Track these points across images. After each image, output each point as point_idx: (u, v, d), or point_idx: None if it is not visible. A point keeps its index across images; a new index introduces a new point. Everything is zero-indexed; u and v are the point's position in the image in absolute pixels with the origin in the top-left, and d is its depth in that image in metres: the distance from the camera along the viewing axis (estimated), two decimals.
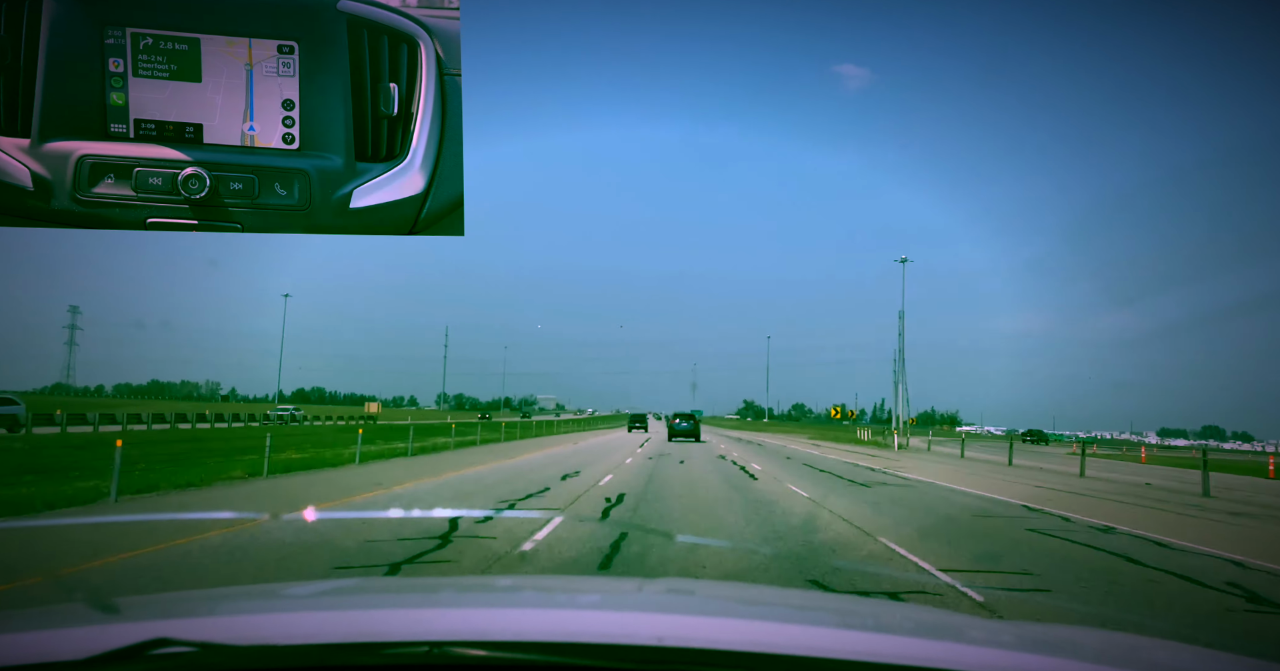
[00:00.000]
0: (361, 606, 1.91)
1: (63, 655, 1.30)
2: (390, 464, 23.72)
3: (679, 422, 51.86)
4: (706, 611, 1.94)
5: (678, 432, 51.06)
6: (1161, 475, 31.84)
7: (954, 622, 2.04)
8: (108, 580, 6.80)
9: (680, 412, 54.41)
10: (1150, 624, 6.21)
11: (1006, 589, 7.65)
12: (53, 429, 40.70)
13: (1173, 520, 14.46)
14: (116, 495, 12.74)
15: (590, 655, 1.35)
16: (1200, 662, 1.73)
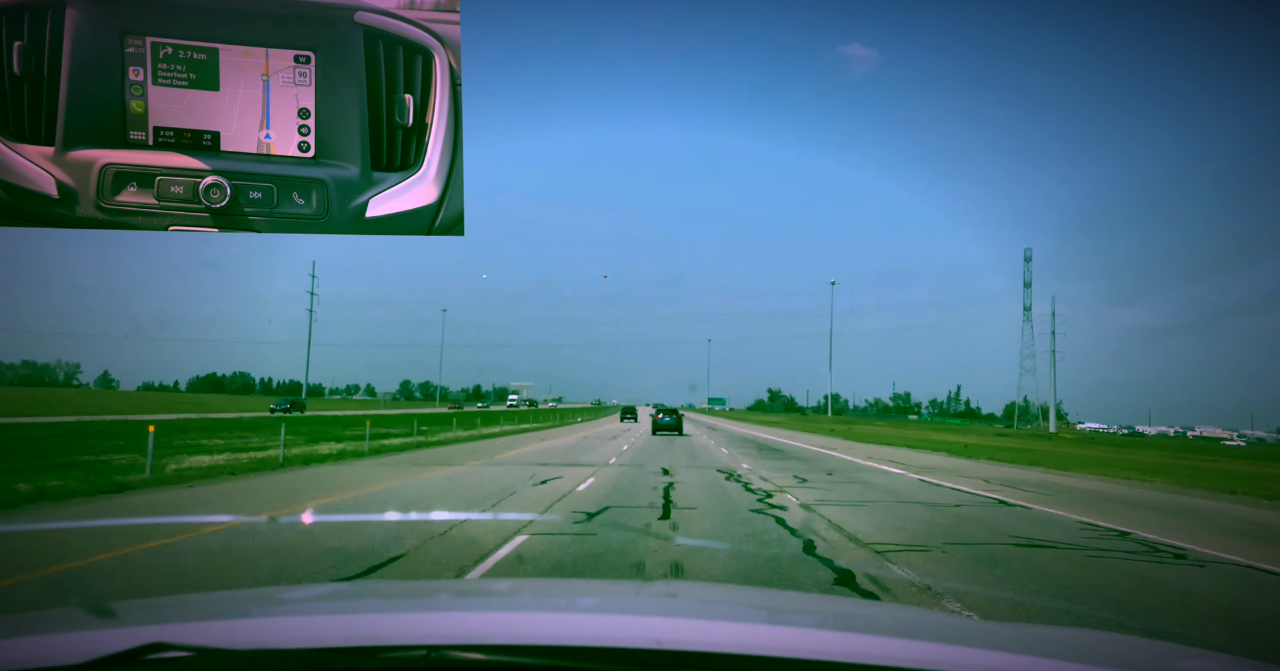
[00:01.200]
0: (358, 610, 1.90)
1: (60, 660, 1.30)
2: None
3: (662, 417, 50.17)
4: (705, 614, 1.94)
5: (661, 427, 49.37)
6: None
7: (950, 624, 2.06)
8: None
9: (663, 407, 53.74)
10: (1144, 625, 6.10)
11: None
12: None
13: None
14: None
15: (589, 658, 1.36)
16: (1198, 664, 1.72)
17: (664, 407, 53.18)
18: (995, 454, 37.63)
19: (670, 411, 51.30)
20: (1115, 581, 8.24)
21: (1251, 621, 6.76)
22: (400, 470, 21.33)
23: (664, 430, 49.44)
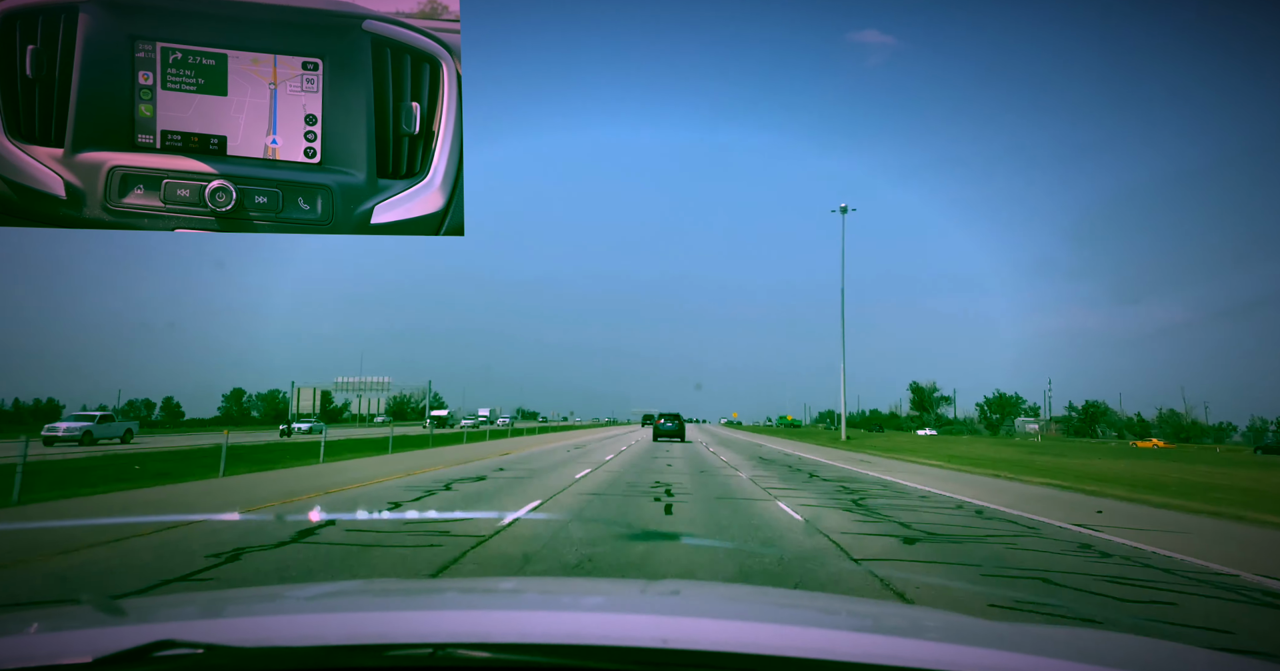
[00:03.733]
0: (365, 608, 1.91)
1: (69, 656, 1.31)
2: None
3: (664, 423, 48.74)
4: (711, 613, 1.93)
5: (662, 432, 47.91)
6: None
7: (955, 623, 2.04)
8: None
9: (665, 413, 51.29)
10: (1148, 625, 5.95)
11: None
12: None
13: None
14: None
15: (594, 657, 1.35)
16: (1200, 664, 1.72)
17: (666, 414, 51.07)
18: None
19: (673, 417, 49.36)
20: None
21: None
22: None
23: (665, 436, 47.76)
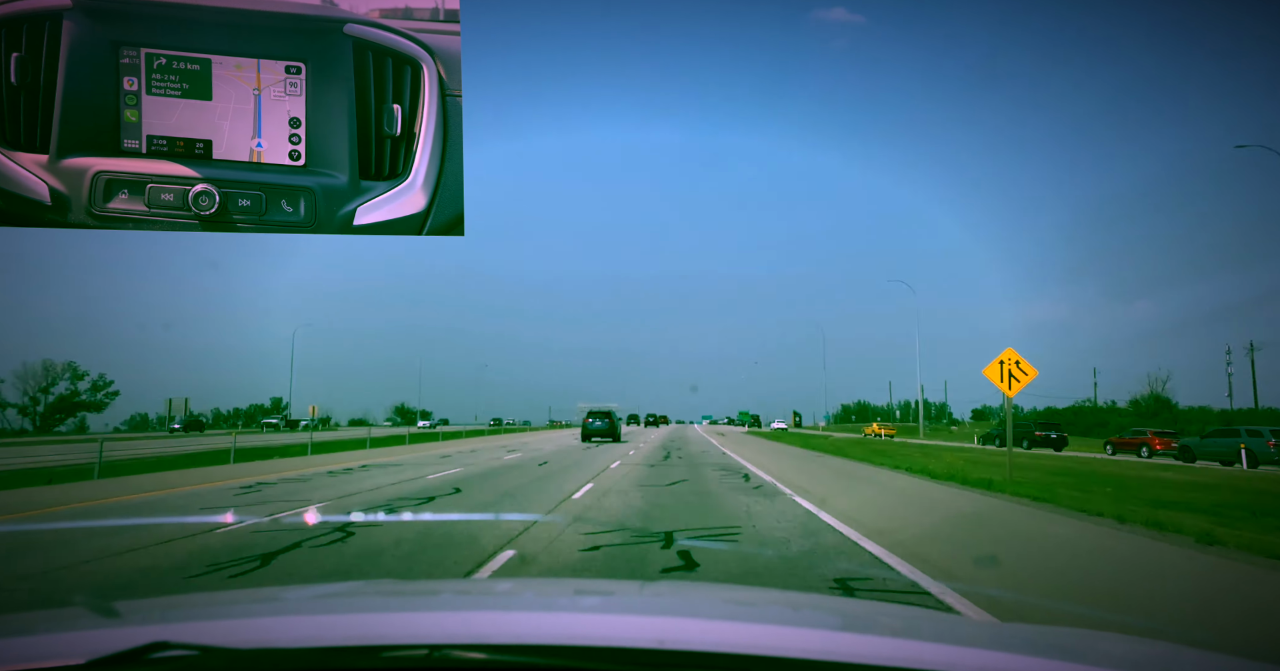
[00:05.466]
0: (361, 609, 1.90)
1: (63, 658, 1.30)
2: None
3: (593, 421, 42.19)
4: (708, 614, 1.92)
5: (592, 432, 41.57)
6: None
7: (953, 624, 2.02)
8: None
9: (595, 410, 43.31)
10: (1148, 625, 5.99)
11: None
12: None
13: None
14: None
15: (591, 658, 1.34)
16: (1200, 664, 1.70)
17: (597, 412, 43.16)
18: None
19: (603, 415, 42.70)
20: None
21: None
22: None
23: (595, 435, 41.23)
